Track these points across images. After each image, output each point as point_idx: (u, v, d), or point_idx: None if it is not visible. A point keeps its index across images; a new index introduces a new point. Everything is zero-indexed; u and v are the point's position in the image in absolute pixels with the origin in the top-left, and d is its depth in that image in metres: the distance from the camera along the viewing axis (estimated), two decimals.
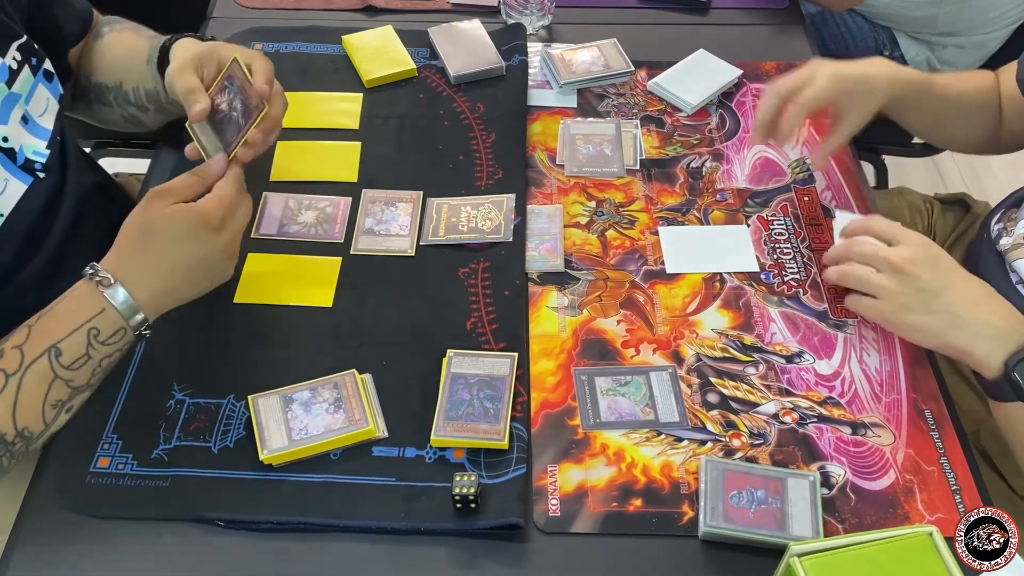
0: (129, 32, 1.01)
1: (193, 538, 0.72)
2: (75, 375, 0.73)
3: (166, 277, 0.77)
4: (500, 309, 0.87)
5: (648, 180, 1.02)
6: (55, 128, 0.89)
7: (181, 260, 0.77)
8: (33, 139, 0.86)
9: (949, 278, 0.76)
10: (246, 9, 1.22)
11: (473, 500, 0.71)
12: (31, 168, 0.85)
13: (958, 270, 0.77)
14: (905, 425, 0.80)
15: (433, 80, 1.12)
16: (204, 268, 0.79)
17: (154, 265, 0.77)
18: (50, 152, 0.87)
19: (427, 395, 0.80)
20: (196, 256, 0.78)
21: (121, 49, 0.99)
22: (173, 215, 0.77)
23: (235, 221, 0.81)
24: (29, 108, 0.86)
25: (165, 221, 0.77)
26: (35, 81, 0.87)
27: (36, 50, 0.87)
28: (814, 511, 0.72)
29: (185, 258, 0.77)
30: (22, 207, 0.83)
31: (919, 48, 1.46)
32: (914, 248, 0.77)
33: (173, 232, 0.77)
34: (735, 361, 0.85)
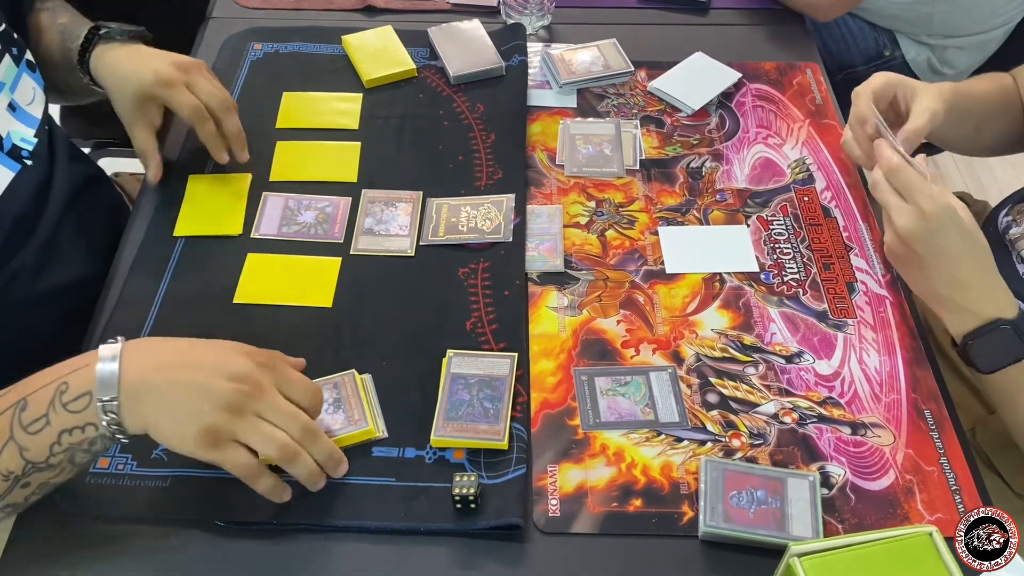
0: (46, 18, 0.99)
1: (193, 538, 0.72)
2: (31, 442, 0.64)
3: (162, 367, 0.67)
4: (500, 309, 0.87)
5: (648, 180, 1.02)
6: (43, 117, 0.89)
7: (189, 359, 0.68)
8: (20, 126, 0.86)
9: (938, 251, 0.79)
10: (246, 9, 1.22)
11: (473, 500, 0.71)
12: (18, 155, 0.85)
13: (950, 245, 0.78)
14: (905, 425, 0.80)
15: (433, 80, 1.12)
16: (203, 369, 0.67)
17: (164, 351, 0.69)
18: (38, 140, 0.87)
19: (427, 395, 0.80)
20: (204, 362, 0.68)
21: (38, 36, 0.98)
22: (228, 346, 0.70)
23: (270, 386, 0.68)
24: (16, 96, 0.86)
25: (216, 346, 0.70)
26: (19, 70, 0.87)
27: (16, 40, 0.87)
28: (814, 511, 0.72)
29: (194, 359, 0.68)
30: (11, 194, 0.83)
31: (919, 49, 1.46)
32: (915, 219, 0.79)
33: (213, 347, 0.70)
34: (735, 361, 0.85)
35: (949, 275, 0.79)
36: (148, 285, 0.88)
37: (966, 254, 0.79)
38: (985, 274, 0.79)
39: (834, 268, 0.93)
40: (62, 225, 0.90)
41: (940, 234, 0.78)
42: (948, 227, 0.78)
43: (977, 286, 0.79)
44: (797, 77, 1.15)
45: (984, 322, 0.78)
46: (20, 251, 0.85)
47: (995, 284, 0.80)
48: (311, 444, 0.70)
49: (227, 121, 0.94)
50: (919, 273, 0.82)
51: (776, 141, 1.06)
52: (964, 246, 0.78)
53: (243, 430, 0.66)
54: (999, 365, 0.79)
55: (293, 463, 0.69)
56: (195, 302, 0.87)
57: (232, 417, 0.66)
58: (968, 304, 0.79)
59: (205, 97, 0.92)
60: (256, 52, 1.15)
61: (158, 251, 0.92)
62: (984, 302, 0.79)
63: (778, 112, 1.10)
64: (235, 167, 0.98)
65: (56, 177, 0.91)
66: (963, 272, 0.79)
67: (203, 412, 0.65)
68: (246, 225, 0.94)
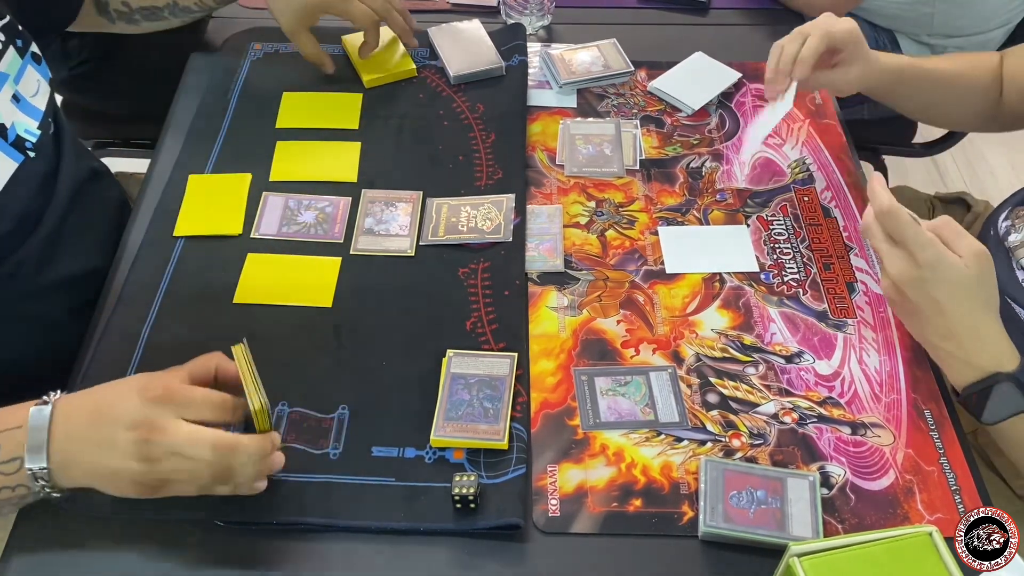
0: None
1: (193, 538, 0.72)
2: None
3: (76, 430, 0.66)
4: (500, 309, 0.87)
5: (648, 180, 1.02)
6: (47, 110, 0.89)
7: (95, 416, 0.66)
8: (24, 117, 0.86)
9: (931, 302, 0.75)
10: (246, 9, 1.22)
11: (473, 500, 0.72)
12: (21, 146, 0.85)
13: (943, 297, 0.75)
14: (905, 425, 0.80)
15: (433, 80, 1.12)
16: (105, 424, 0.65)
17: (79, 410, 0.67)
18: (41, 132, 0.88)
19: (427, 395, 0.80)
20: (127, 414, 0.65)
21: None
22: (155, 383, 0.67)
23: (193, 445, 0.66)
24: (20, 88, 0.86)
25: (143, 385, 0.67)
26: (23, 63, 0.87)
27: (21, 32, 0.87)
28: (814, 511, 0.72)
29: (99, 415, 0.66)
30: (15, 185, 0.83)
31: (919, 49, 1.46)
32: (907, 266, 0.75)
33: (112, 393, 0.68)
34: (735, 361, 0.85)
35: (944, 326, 0.76)
36: (148, 285, 0.88)
37: (962, 306, 0.75)
38: (983, 326, 0.76)
39: (834, 268, 0.93)
40: (67, 218, 0.90)
41: (931, 285, 0.74)
42: (941, 279, 0.74)
43: (973, 339, 0.76)
44: None
45: (983, 375, 0.75)
46: (25, 243, 0.85)
47: (994, 336, 0.76)
48: (232, 457, 0.67)
49: (391, 20, 1.08)
50: (914, 320, 0.79)
51: (776, 141, 1.06)
52: (959, 297, 0.75)
53: (166, 471, 0.65)
54: (1000, 418, 0.76)
55: (231, 480, 0.68)
56: (195, 302, 0.87)
57: (148, 464, 0.65)
58: (965, 356, 0.76)
59: (373, 4, 1.05)
60: (256, 52, 1.15)
61: (158, 251, 0.92)
62: (981, 355, 0.75)
63: None
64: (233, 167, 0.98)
65: (61, 170, 0.91)
66: (957, 324, 0.75)
67: (121, 469, 0.65)
68: (246, 225, 0.94)
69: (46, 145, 0.89)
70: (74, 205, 0.92)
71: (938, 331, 0.77)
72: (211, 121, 1.05)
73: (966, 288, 0.75)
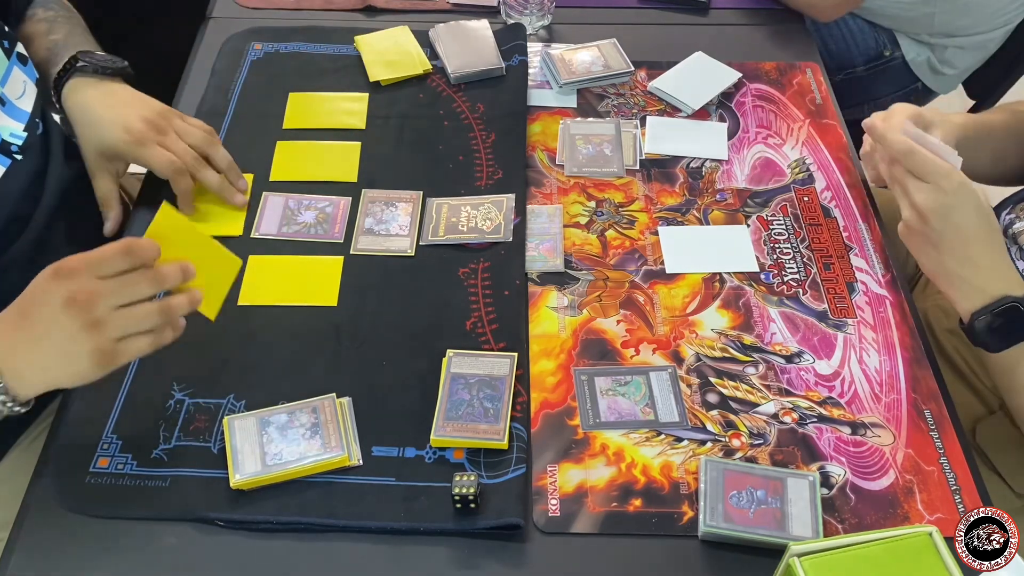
0: (40, 33, 0.97)
1: (193, 538, 0.72)
2: None
3: (14, 344, 0.68)
4: (500, 309, 0.87)
5: (648, 180, 1.02)
6: (34, 111, 0.89)
7: (25, 320, 0.68)
8: (10, 121, 0.86)
9: (955, 228, 0.80)
10: (246, 9, 1.22)
11: (473, 500, 0.71)
12: (7, 150, 0.84)
13: (967, 223, 0.79)
14: (905, 425, 0.80)
15: (433, 80, 1.12)
16: (38, 319, 0.67)
17: (5, 327, 0.69)
18: (28, 135, 0.87)
19: (427, 395, 0.80)
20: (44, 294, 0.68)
21: (26, 51, 0.96)
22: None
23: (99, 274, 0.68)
24: (5, 90, 0.85)
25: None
26: (9, 64, 0.86)
27: (6, 32, 0.87)
28: (814, 511, 0.72)
29: (28, 318, 0.68)
30: (1, 190, 0.83)
31: (920, 49, 1.46)
32: (935, 195, 0.79)
33: (31, 295, 0.69)
34: (735, 361, 0.85)
35: (963, 253, 0.80)
36: None
37: (981, 232, 0.80)
38: (996, 254, 0.81)
39: (834, 268, 0.93)
40: (56, 219, 0.90)
41: (958, 210, 0.79)
42: (966, 204, 0.79)
43: (988, 264, 0.80)
44: (797, 77, 1.15)
45: (992, 299, 0.79)
46: (12, 245, 0.85)
47: (1005, 264, 0.81)
48: (164, 284, 0.70)
49: (214, 156, 0.94)
50: (932, 250, 0.82)
51: (776, 141, 1.06)
52: (980, 224, 0.79)
53: (115, 331, 0.67)
54: (1006, 343, 0.79)
55: (173, 312, 0.71)
56: None
57: (97, 331, 0.67)
58: (978, 282, 0.80)
59: (180, 152, 0.90)
60: (256, 52, 1.15)
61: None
62: (994, 280, 0.80)
63: (778, 112, 1.10)
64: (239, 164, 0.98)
65: (50, 171, 0.91)
66: (976, 250, 0.80)
67: (75, 347, 0.66)
68: (246, 225, 0.94)
69: (33, 147, 0.88)
70: (63, 205, 0.91)
71: (956, 257, 0.81)
72: (211, 121, 1.04)
73: (983, 213, 0.80)
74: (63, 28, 0.98)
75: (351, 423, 0.78)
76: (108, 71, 0.93)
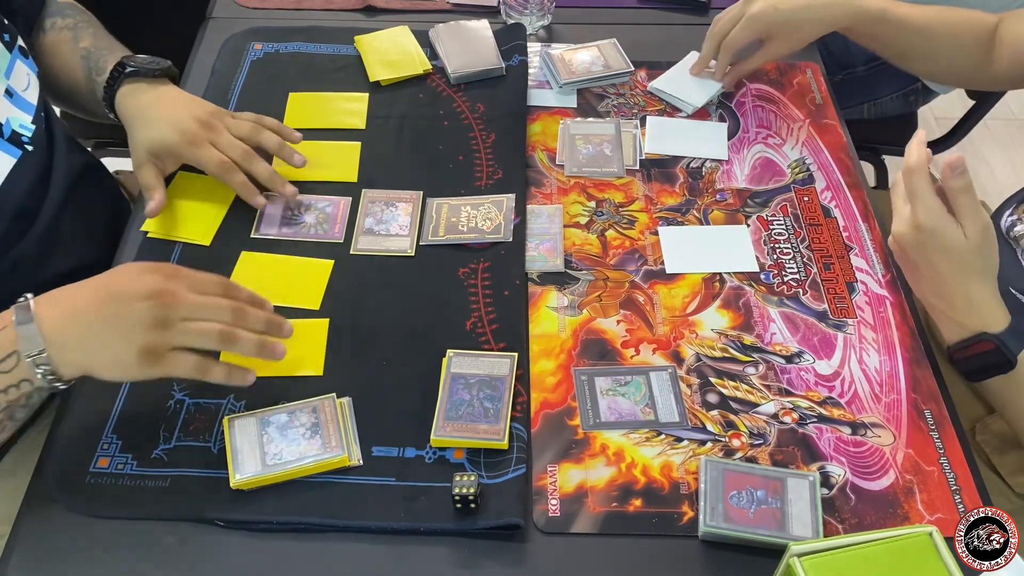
0: (67, 41, 0.98)
1: (193, 538, 0.72)
2: None
3: (80, 311, 0.69)
4: (500, 309, 0.87)
5: (648, 180, 1.02)
6: (39, 104, 0.89)
7: (103, 295, 0.70)
8: (19, 112, 0.86)
9: (929, 265, 0.78)
10: (246, 9, 1.22)
11: (473, 500, 0.72)
12: (18, 141, 0.85)
13: (937, 260, 0.77)
14: (905, 425, 0.80)
15: (433, 80, 1.12)
16: (116, 300, 0.70)
17: (78, 296, 0.71)
18: (36, 127, 0.87)
19: (427, 395, 0.80)
20: (116, 284, 0.71)
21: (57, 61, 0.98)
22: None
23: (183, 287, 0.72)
24: (11, 82, 0.86)
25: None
26: (12, 57, 0.86)
27: (7, 26, 0.87)
28: (814, 511, 0.72)
29: (107, 293, 0.70)
30: (12, 181, 0.83)
31: None
32: (908, 228, 0.78)
33: (119, 276, 0.73)
34: (735, 361, 0.85)
35: (937, 287, 0.79)
36: None
37: (956, 273, 0.77)
38: (974, 291, 0.78)
39: (834, 268, 0.93)
40: (63, 213, 0.90)
41: (928, 248, 0.77)
42: (938, 244, 0.76)
43: (963, 302, 0.78)
44: (797, 77, 1.15)
45: (970, 334, 0.79)
46: (22, 239, 0.85)
47: (985, 301, 0.78)
48: (243, 321, 0.74)
49: (264, 141, 0.96)
50: (913, 276, 0.83)
51: (776, 141, 1.06)
52: (951, 264, 0.77)
53: (175, 337, 0.70)
54: (982, 376, 0.80)
55: (235, 343, 0.72)
56: None
57: (162, 331, 0.69)
58: (956, 316, 0.79)
59: (230, 148, 0.93)
60: (256, 52, 1.15)
61: (159, 251, 0.91)
62: (971, 317, 0.78)
63: (778, 112, 1.10)
64: None
65: (56, 165, 0.91)
66: (949, 287, 0.78)
67: (133, 337, 0.68)
68: (247, 225, 0.94)
69: (40, 139, 0.88)
70: (70, 199, 0.92)
71: (932, 290, 0.80)
72: None
73: (961, 258, 0.77)
74: (87, 34, 1.00)
75: (351, 423, 0.78)
76: (156, 72, 0.95)
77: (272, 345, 0.75)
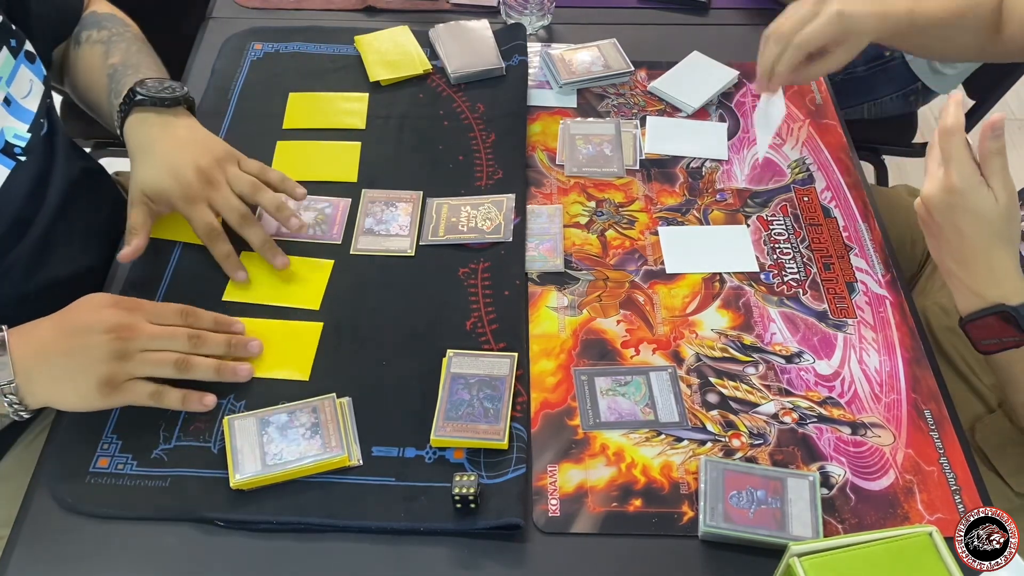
0: (98, 56, 0.96)
1: (193, 538, 0.72)
2: None
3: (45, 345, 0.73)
4: (500, 309, 0.87)
5: (648, 180, 1.02)
6: (39, 111, 0.88)
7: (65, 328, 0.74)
8: (14, 122, 0.85)
9: (954, 229, 0.78)
10: (246, 9, 1.22)
11: (473, 500, 0.71)
12: (11, 152, 0.84)
13: (967, 227, 0.77)
14: (905, 425, 0.80)
15: (433, 80, 1.12)
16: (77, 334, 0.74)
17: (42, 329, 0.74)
18: (32, 135, 0.86)
19: (427, 395, 0.80)
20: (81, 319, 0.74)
21: (86, 77, 0.96)
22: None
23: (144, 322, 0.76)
24: (11, 90, 0.85)
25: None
26: (16, 63, 0.86)
27: (14, 31, 0.86)
28: (814, 511, 0.72)
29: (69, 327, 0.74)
30: (5, 191, 0.83)
31: None
32: (940, 189, 0.77)
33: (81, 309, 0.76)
34: (735, 361, 0.85)
35: (960, 253, 0.78)
36: (147, 287, 0.88)
37: (981, 237, 0.77)
38: (997, 259, 0.78)
39: (834, 268, 0.93)
40: (58, 221, 0.90)
41: (958, 211, 0.77)
42: (968, 207, 0.76)
43: (984, 269, 0.78)
44: None
45: (986, 305, 0.78)
46: (15, 248, 0.85)
47: (1006, 271, 0.78)
48: (201, 347, 0.77)
49: (262, 201, 0.89)
50: (934, 241, 0.81)
51: (776, 141, 1.06)
52: (979, 229, 0.77)
53: (134, 367, 0.74)
54: (995, 348, 0.79)
55: (191, 370, 0.76)
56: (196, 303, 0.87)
57: (120, 363, 0.73)
58: (974, 286, 0.79)
59: (226, 210, 0.87)
60: (256, 52, 1.15)
61: (158, 252, 0.91)
62: (990, 286, 0.78)
63: None
64: None
65: (54, 172, 0.90)
66: (972, 253, 0.78)
67: (93, 369, 0.72)
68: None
69: (37, 147, 0.87)
70: (67, 206, 0.91)
71: (954, 255, 0.79)
72: (211, 121, 1.04)
73: (990, 222, 0.77)
74: (119, 49, 0.96)
75: (351, 423, 0.78)
76: (167, 102, 0.90)
77: (233, 368, 0.79)
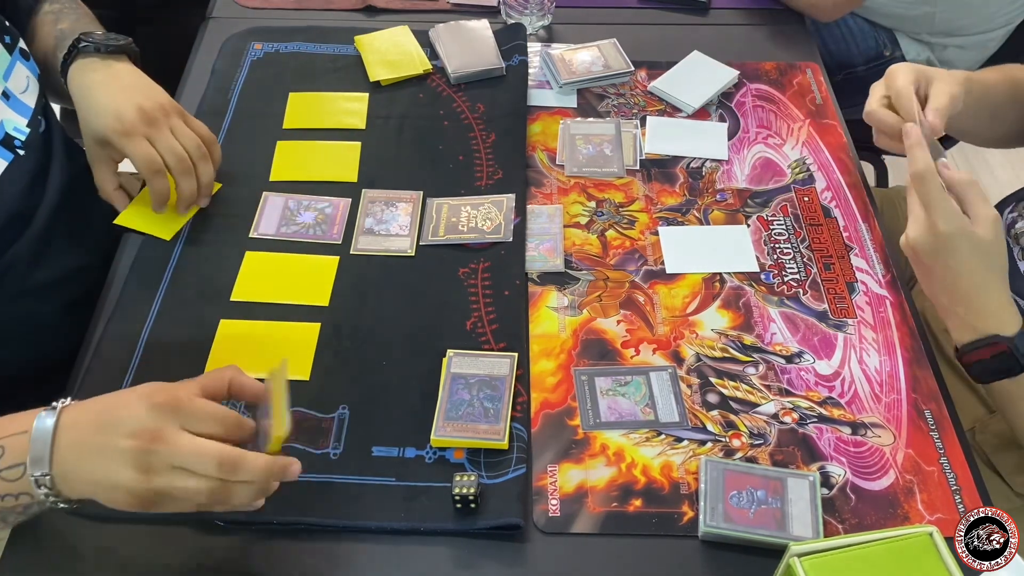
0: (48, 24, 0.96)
1: (193, 538, 0.72)
2: None
3: (78, 438, 0.62)
4: (500, 309, 0.87)
5: (648, 180, 1.02)
6: (36, 107, 0.88)
7: (97, 421, 0.62)
8: (14, 115, 0.85)
9: (944, 267, 0.78)
10: (246, 9, 1.22)
11: (473, 500, 0.72)
12: (11, 144, 0.84)
13: (956, 264, 0.77)
14: (905, 425, 0.80)
15: (433, 80, 1.12)
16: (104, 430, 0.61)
17: (86, 415, 0.63)
18: (31, 130, 0.87)
19: (427, 395, 0.80)
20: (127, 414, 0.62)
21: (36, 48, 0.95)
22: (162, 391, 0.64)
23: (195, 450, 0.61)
24: (9, 85, 0.85)
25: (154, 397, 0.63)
26: (12, 59, 0.86)
27: (7, 27, 0.87)
28: (814, 511, 0.72)
29: (100, 420, 0.62)
30: (4, 185, 0.83)
31: (919, 48, 1.46)
32: (926, 233, 0.78)
33: (117, 401, 0.64)
34: (735, 361, 0.85)
35: (953, 289, 0.79)
36: (148, 285, 0.88)
37: (973, 274, 0.78)
38: (989, 292, 0.78)
39: (834, 268, 0.93)
40: (58, 216, 0.90)
41: (947, 253, 0.77)
42: (957, 247, 0.77)
43: (978, 302, 0.78)
44: (797, 77, 1.15)
45: (980, 336, 0.78)
46: (15, 242, 0.85)
47: (999, 301, 0.79)
48: (235, 475, 0.62)
49: (201, 169, 0.89)
50: (927, 280, 0.82)
51: (776, 141, 1.06)
52: (971, 267, 0.77)
53: (163, 484, 0.61)
54: (993, 377, 0.79)
55: (227, 502, 0.63)
56: (194, 302, 0.87)
57: (145, 475, 0.60)
58: (968, 318, 0.79)
59: (165, 150, 0.86)
60: (256, 52, 1.15)
61: (158, 251, 0.91)
62: (984, 318, 0.78)
63: (778, 112, 1.10)
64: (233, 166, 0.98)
65: (52, 168, 0.90)
66: (965, 290, 0.78)
67: (117, 478, 0.60)
68: (247, 224, 0.94)
69: (35, 143, 0.88)
70: (65, 203, 0.91)
71: (947, 292, 0.80)
72: (211, 121, 1.04)
73: (979, 257, 0.78)
74: (69, 17, 0.97)
75: (285, 391, 0.69)
76: (111, 48, 0.90)
77: (262, 495, 0.66)
